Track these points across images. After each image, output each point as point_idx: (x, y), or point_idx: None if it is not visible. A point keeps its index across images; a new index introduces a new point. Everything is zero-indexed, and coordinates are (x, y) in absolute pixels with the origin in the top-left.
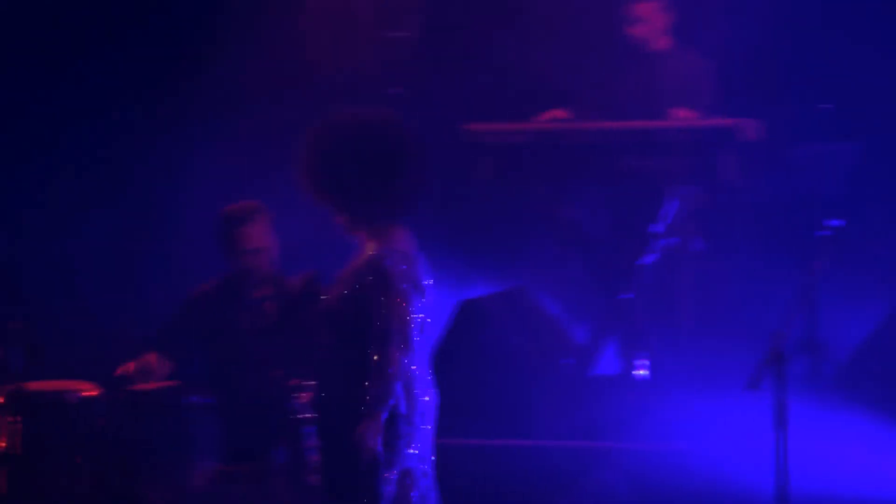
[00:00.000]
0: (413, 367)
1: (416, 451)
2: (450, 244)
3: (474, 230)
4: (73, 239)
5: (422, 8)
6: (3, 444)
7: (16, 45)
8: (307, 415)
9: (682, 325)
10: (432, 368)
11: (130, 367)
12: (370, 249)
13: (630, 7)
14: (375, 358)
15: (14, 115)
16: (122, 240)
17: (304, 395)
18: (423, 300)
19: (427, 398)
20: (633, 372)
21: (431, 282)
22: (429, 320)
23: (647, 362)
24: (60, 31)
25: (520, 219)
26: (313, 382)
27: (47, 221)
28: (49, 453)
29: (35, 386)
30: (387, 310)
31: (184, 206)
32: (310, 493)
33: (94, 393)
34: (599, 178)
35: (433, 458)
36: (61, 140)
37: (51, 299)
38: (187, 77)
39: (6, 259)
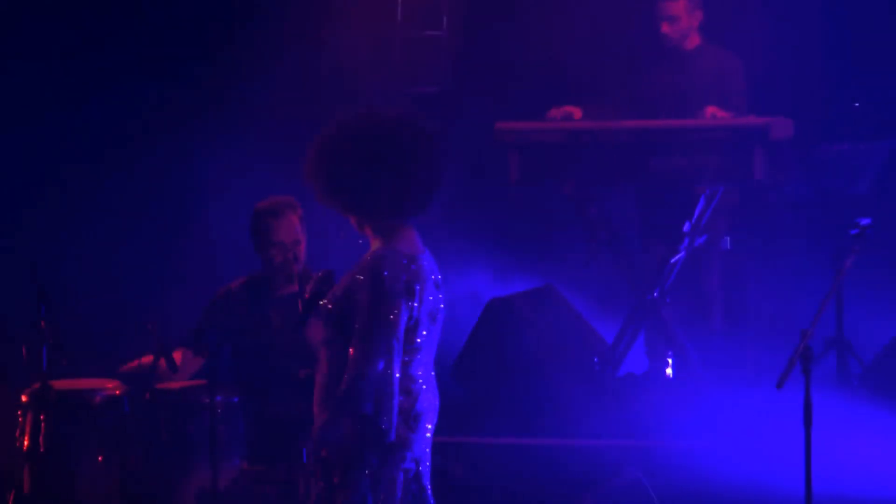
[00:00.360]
0: (395, 372)
1: (409, 454)
2: (478, 242)
3: (504, 229)
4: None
5: (454, 7)
6: (27, 443)
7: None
8: None
9: (711, 323)
10: (434, 370)
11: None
12: (372, 249)
13: (662, 5)
14: (350, 357)
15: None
16: (125, 240)
17: None
18: (418, 304)
19: (423, 401)
20: (661, 370)
21: (439, 285)
22: (426, 321)
23: (674, 361)
24: (76, 27)
25: (549, 217)
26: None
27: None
28: (73, 452)
29: (59, 384)
30: (369, 310)
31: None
32: None
33: (118, 392)
34: (629, 177)
35: (429, 461)
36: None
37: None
38: (211, 77)
39: (34, 258)
